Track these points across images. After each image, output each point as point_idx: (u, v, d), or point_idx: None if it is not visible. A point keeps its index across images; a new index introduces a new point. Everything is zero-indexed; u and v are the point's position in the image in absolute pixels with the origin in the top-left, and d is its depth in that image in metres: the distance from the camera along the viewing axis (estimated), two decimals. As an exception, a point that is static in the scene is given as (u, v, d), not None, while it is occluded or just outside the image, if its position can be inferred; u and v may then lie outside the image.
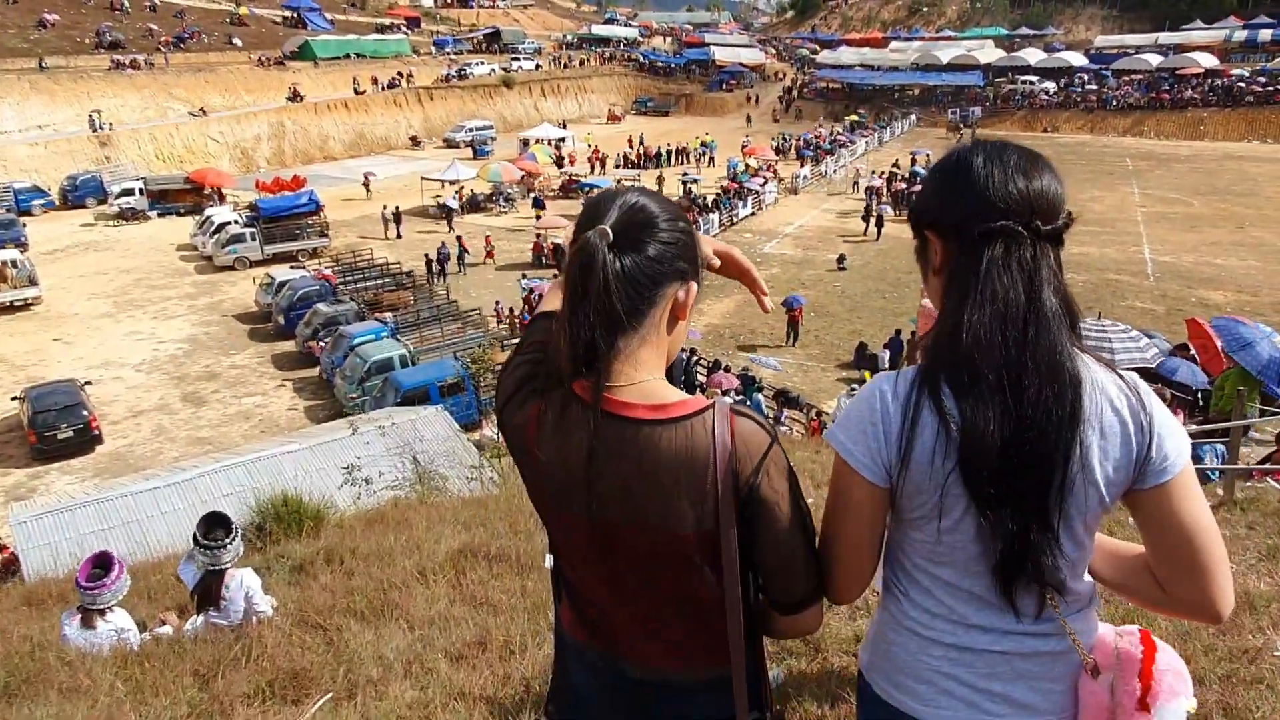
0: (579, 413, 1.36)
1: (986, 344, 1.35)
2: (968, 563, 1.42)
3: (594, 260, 1.32)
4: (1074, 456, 1.34)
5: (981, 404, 1.34)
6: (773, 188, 40.06)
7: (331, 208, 34.97)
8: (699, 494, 1.33)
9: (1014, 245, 1.38)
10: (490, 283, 29.07)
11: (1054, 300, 1.38)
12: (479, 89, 60.07)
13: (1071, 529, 1.38)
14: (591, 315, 1.33)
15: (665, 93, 70.64)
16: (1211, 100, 56.19)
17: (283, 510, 6.46)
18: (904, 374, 1.44)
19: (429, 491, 10.45)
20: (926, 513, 1.41)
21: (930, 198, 1.51)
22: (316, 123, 50.24)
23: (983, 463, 1.34)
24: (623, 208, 1.39)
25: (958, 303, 1.40)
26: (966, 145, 1.50)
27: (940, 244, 1.47)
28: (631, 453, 1.34)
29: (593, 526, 1.39)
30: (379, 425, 11.27)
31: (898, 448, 1.40)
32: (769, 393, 19.59)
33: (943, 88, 65.62)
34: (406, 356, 20.67)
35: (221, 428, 20.28)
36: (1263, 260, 29.38)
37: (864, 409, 1.44)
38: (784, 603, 1.45)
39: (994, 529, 1.36)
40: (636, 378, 1.39)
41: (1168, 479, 1.37)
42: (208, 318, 26.62)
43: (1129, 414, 1.37)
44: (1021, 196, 1.39)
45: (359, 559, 5.20)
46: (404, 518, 7.17)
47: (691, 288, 1.44)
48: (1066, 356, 1.36)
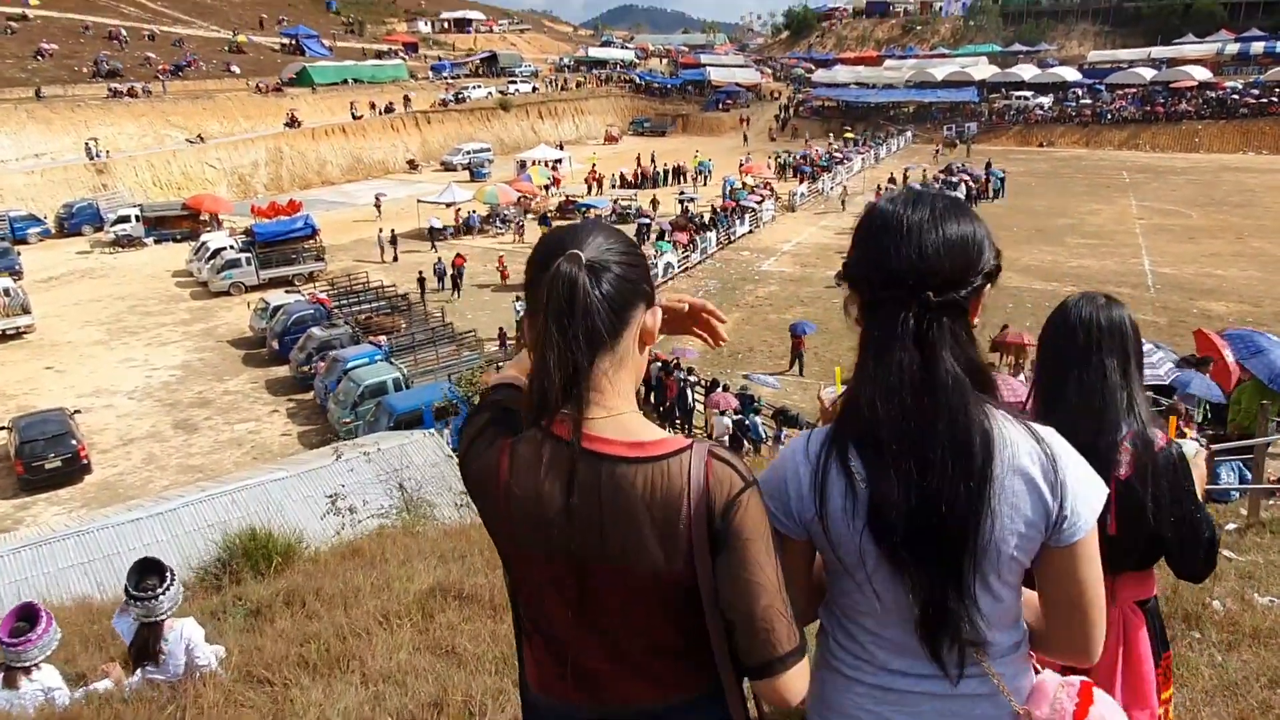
0: (555, 449, 1.36)
1: (884, 415, 1.36)
2: (887, 612, 1.44)
3: (576, 282, 1.33)
4: (984, 521, 1.35)
5: (885, 471, 1.36)
6: (770, 205, 39.95)
7: (329, 231, 34.87)
8: (672, 533, 1.32)
9: (903, 314, 1.37)
10: (486, 304, 28.87)
11: (953, 370, 1.36)
12: (476, 112, 60.22)
13: (989, 587, 1.40)
14: (580, 338, 1.33)
15: (662, 113, 70.84)
16: (1206, 113, 56.27)
17: (250, 546, 6.17)
18: (817, 433, 1.47)
19: (415, 520, 10.20)
20: (848, 564, 1.44)
21: (851, 249, 1.50)
22: (314, 148, 50.29)
23: (891, 526, 1.36)
24: (580, 238, 1.40)
25: (859, 366, 1.42)
26: (888, 197, 1.47)
27: (855, 299, 1.47)
28: (608, 490, 1.33)
29: (566, 565, 1.37)
30: (364, 451, 10.99)
31: (812, 503, 1.43)
32: (768, 411, 19.31)
33: (938, 104, 65.72)
34: (400, 380, 20.47)
35: (213, 455, 20.06)
36: (1263, 271, 29.18)
37: (779, 467, 1.49)
38: (751, 665, 1.39)
39: (911, 589, 1.38)
40: (616, 407, 1.39)
41: (1076, 540, 1.39)
42: (202, 344, 26.46)
43: (1040, 474, 1.37)
44: (912, 262, 1.37)
45: (322, 600, 4.92)
46: (381, 551, 6.91)
47: (656, 312, 1.46)
48: (972, 421, 1.35)
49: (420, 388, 19.98)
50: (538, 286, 1.38)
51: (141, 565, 3.69)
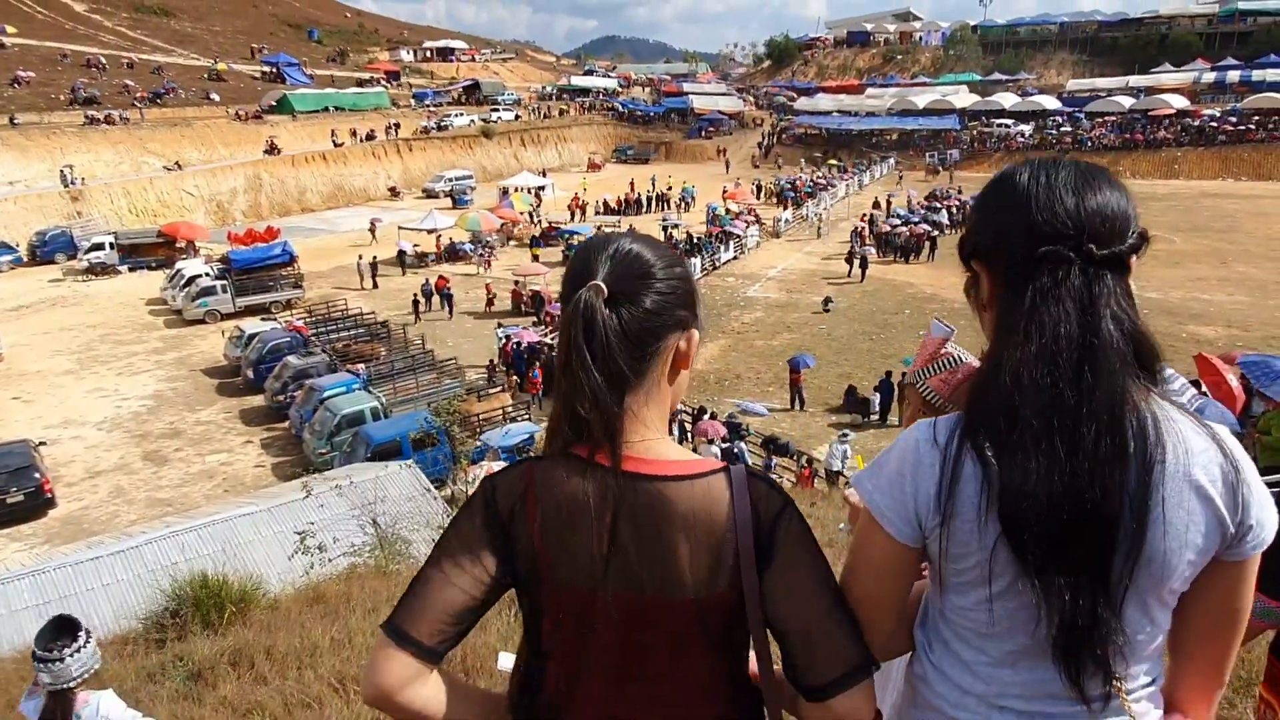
0: (589, 475, 1.30)
1: (1029, 385, 1.19)
2: (1018, 637, 1.25)
3: (594, 320, 1.27)
4: (1150, 519, 1.17)
5: (1023, 454, 1.18)
6: (754, 231, 39.76)
7: (308, 259, 34.40)
8: (717, 550, 1.27)
9: (1064, 273, 1.22)
10: (469, 331, 28.43)
11: (1116, 334, 1.20)
12: (458, 139, 60.01)
13: (1144, 604, 1.22)
14: (602, 381, 1.27)
15: (645, 141, 70.96)
16: (1185, 140, 56.83)
17: (201, 594, 5.60)
18: (945, 420, 1.28)
19: (388, 558, 9.66)
20: (972, 577, 1.25)
21: (974, 225, 1.36)
22: (294, 175, 49.83)
23: (1026, 521, 1.17)
24: (615, 258, 1.33)
25: (1002, 339, 1.25)
26: (1016, 164, 1.33)
27: (988, 275, 1.32)
28: (646, 512, 1.28)
29: (604, 598, 1.29)
30: (335, 485, 10.42)
31: (936, 504, 1.24)
32: (756, 439, 18.84)
33: (920, 132, 66.24)
34: (379, 409, 19.95)
35: (183, 488, 19.47)
36: (1250, 295, 29.17)
37: (897, 458, 1.30)
38: (812, 684, 1.27)
39: (1043, 600, 1.18)
40: (645, 435, 1.33)
41: (1254, 554, 1.24)
42: (174, 373, 25.94)
43: (1219, 474, 1.20)
44: (1069, 217, 1.24)
45: (274, 660, 4.37)
46: (348, 596, 6.35)
47: (693, 336, 1.38)
48: (1133, 401, 1.19)
49: (399, 417, 19.44)
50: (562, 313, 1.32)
51: (55, 625, 3.14)
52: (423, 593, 1.32)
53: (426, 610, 1.31)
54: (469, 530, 1.34)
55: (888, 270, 34.57)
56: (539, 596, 1.36)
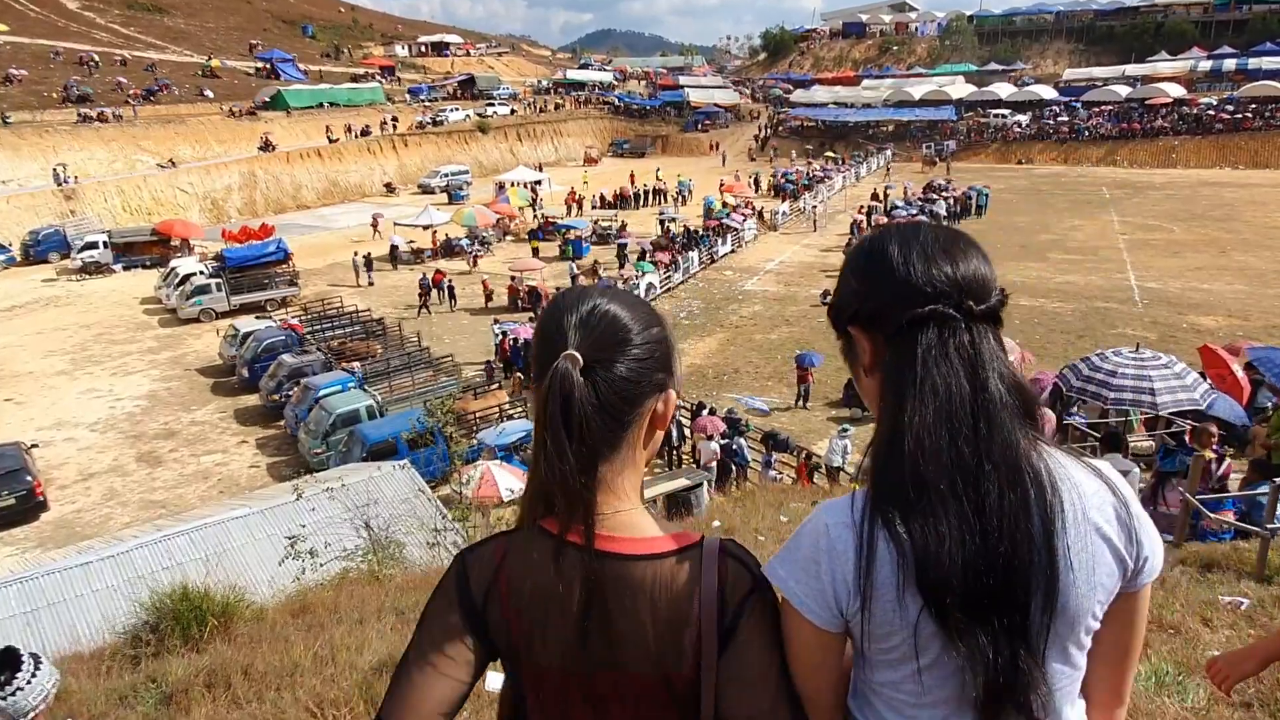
0: (561, 555, 1.29)
1: (933, 448, 1.20)
2: (948, 702, 1.25)
3: (572, 394, 1.24)
4: (1061, 568, 1.19)
5: (934, 520, 1.18)
6: (752, 225, 39.56)
7: (304, 256, 34.21)
8: (679, 632, 1.27)
9: (948, 331, 1.24)
10: (465, 328, 28.25)
11: (1001, 387, 1.22)
12: (454, 135, 59.73)
13: (1064, 651, 1.25)
14: (578, 456, 1.25)
15: (641, 134, 70.66)
16: (1182, 128, 56.60)
17: (181, 607, 5.43)
18: (855, 497, 1.26)
19: (383, 562, 9.51)
20: (900, 653, 1.24)
21: (848, 291, 1.36)
22: (289, 171, 49.55)
23: (945, 588, 1.18)
24: (589, 323, 1.29)
25: (895, 404, 1.24)
26: (877, 233, 1.35)
27: (869, 341, 1.32)
28: (616, 592, 1.28)
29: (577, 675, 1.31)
30: (327, 487, 10.25)
31: (854, 587, 1.23)
32: (755, 435, 18.68)
33: (916, 123, 65.93)
34: (374, 407, 19.77)
35: (177, 489, 19.30)
36: (1249, 284, 28.98)
37: (809, 544, 1.27)
38: None
39: (970, 662, 1.19)
40: (618, 507, 1.32)
41: (1149, 582, 1.30)
42: (169, 372, 25.75)
43: (1114, 515, 1.24)
44: (947, 278, 1.25)
45: (251, 681, 4.21)
46: (336, 605, 6.18)
47: (670, 397, 1.36)
48: (1026, 452, 1.21)
49: (395, 416, 19.26)
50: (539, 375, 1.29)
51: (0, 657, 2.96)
52: (410, 686, 1.31)
53: (417, 704, 1.30)
54: (447, 618, 1.34)
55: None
56: (519, 670, 1.36)
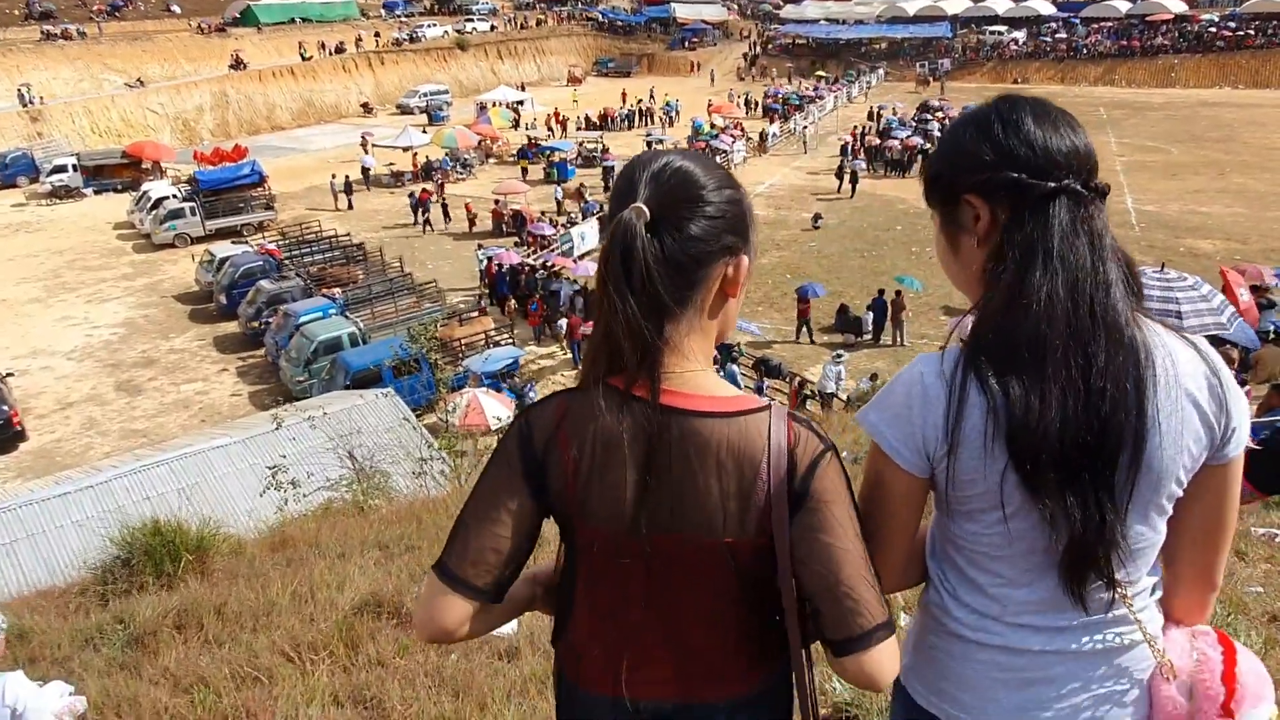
0: (625, 408, 1.26)
1: (1059, 313, 1.23)
2: (1030, 555, 1.29)
3: (633, 245, 1.22)
4: (1149, 430, 1.23)
5: (1043, 379, 1.22)
6: (741, 146, 38.62)
7: (280, 179, 33.29)
8: (749, 492, 1.26)
9: (1077, 206, 1.28)
10: (449, 253, 27.62)
11: (1115, 261, 1.28)
12: (432, 52, 57.68)
13: (1145, 513, 1.28)
14: (640, 309, 1.22)
15: (626, 53, 68.49)
16: (1182, 46, 55.33)
17: (154, 542, 5.09)
18: (948, 353, 1.31)
19: (367, 492, 9.23)
20: (984, 503, 1.29)
21: (971, 158, 1.33)
22: (262, 91, 47.85)
23: (1040, 447, 1.21)
24: (661, 178, 1.27)
25: (1021, 271, 1.26)
26: (1002, 100, 1.36)
27: (988, 209, 1.32)
28: (682, 449, 1.25)
29: (636, 539, 1.28)
30: (308, 416, 9.88)
31: (943, 433, 1.27)
32: (748, 361, 18.37)
33: (910, 40, 64.18)
34: (357, 335, 19.38)
35: (158, 418, 18.98)
36: (1248, 207, 28.58)
37: (902, 391, 1.32)
38: (837, 638, 1.27)
39: (1056, 518, 1.23)
40: (686, 368, 1.29)
41: (1237, 454, 1.31)
42: (145, 299, 25.23)
43: (1205, 384, 1.28)
44: (1076, 152, 1.30)
45: (225, 621, 3.89)
46: (317, 538, 5.86)
47: (742, 262, 1.33)
48: (1132, 322, 1.26)
49: (378, 343, 18.86)
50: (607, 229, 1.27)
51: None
52: (469, 535, 1.31)
53: (473, 553, 1.30)
54: (507, 468, 1.31)
55: (878, 185, 33.68)
56: (573, 533, 1.34)
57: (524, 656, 3.22)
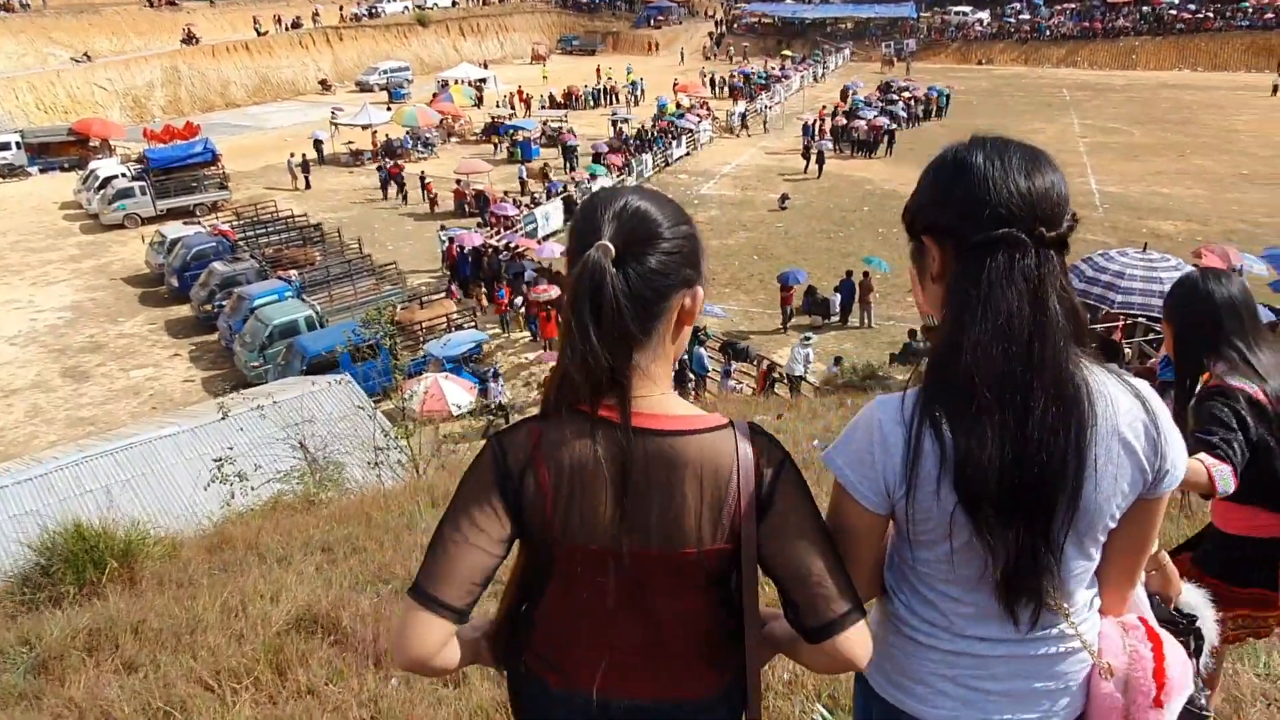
0: (597, 433, 1.32)
1: (988, 362, 1.28)
2: (972, 581, 1.39)
3: (603, 282, 1.27)
4: (1085, 475, 1.30)
5: (979, 427, 1.28)
6: (707, 126, 38.22)
7: (235, 158, 32.33)
8: (721, 507, 1.32)
9: (1018, 254, 1.30)
10: (409, 234, 27.01)
11: (1060, 312, 1.30)
12: (392, 28, 56.38)
13: (1080, 545, 1.37)
14: (609, 341, 1.28)
15: (591, 30, 67.53)
16: (1143, 29, 55.75)
17: (76, 548, 4.70)
18: (905, 397, 1.37)
19: (320, 484, 8.85)
20: (936, 535, 1.38)
21: (926, 199, 1.40)
22: (215, 67, 46.43)
23: (980, 487, 1.29)
24: (622, 217, 1.33)
25: (957, 317, 1.32)
26: (963, 143, 1.39)
27: (938, 250, 1.38)
28: (656, 468, 1.31)
29: (613, 552, 1.34)
30: (257, 405, 9.44)
31: (901, 477, 1.35)
32: (714, 344, 18.12)
33: (876, 20, 64.06)
34: (314, 318, 18.82)
35: (106, 406, 18.34)
36: (1208, 189, 28.83)
37: (862, 436, 1.40)
38: (813, 625, 1.33)
39: (992, 551, 1.33)
40: (652, 391, 1.36)
41: (1169, 490, 1.39)
42: (94, 282, 24.41)
43: (1141, 428, 1.34)
44: (1024, 199, 1.31)
45: (143, 641, 3.53)
46: (257, 538, 5.49)
47: (698, 293, 1.40)
48: (1072, 369, 1.30)
49: (336, 326, 18.30)
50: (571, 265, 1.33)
51: None
52: (446, 557, 1.32)
53: (454, 574, 1.31)
54: (482, 490, 1.34)
55: (845, 166, 33.51)
56: (551, 554, 1.37)
57: (472, 684, 2.92)
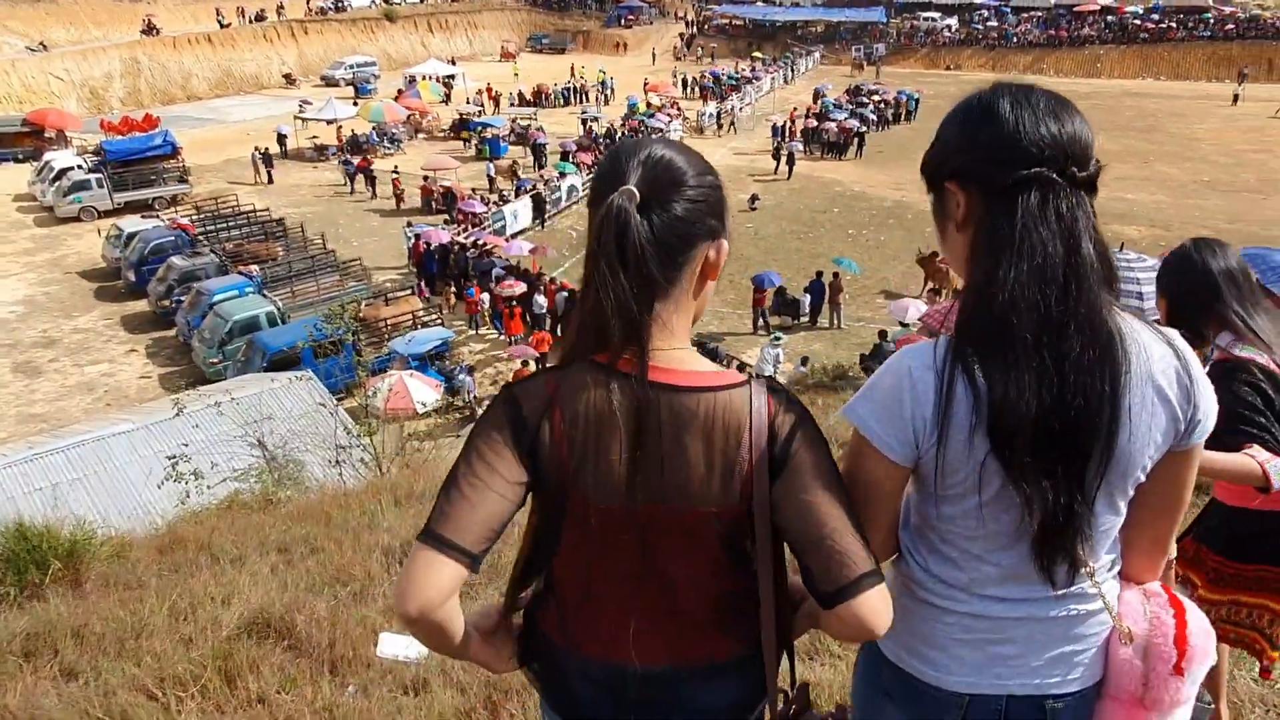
0: (615, 384, 1.29)
1: (1025, 304, 1.25)
2: (1001, 536, 1.35)
3: (628, 225, 1.25)
4: (1120, 421, 1.27)
5: (1016, 370, 1.25)
6: (678, 126, 38.15)
7: (196, 151, 31.65)
8: (732, 461, 1.30)
9: (1050, 194, 1.28)
10: (375, 230, 26.61)
11: (1093, 253, 1.28)
12: (359, 23, 55.61)
13: (1111, 499, 1.34)
14: (632, 285, 1.26)
15: (561, 29, 67.16)
16: (1108, 37, 56.60)
17: (18, 548, 4.44)
18: (935, 345, 1.33)
19: (279, 483, 8.59)
20: (964, 488, 1.33)
21: (951, 145, 1.37)
22: (176, 59, 45.47)
23: (1016, 433, 1.25)
24: (647, 164, 1.31)
25: (990, 260, 1.29)
26: (986, 90, 1.37)
27: (964, 196, 1.35)
28: (670, 422, 1.29)
29: (627, 509, 1.31)
30: (215, 402, 9.14)
31: (934, 423, 1.30)
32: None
33: (846, 24, 64.44)
34: (275, 314, 18.44)
35: (59, 402, 17.86)
36: (1171, 195, 29.30)
37: (890, 384, 1.34)
38: (828, 590, 1.28)
39: (1029, 502, 1.28)
40: (672, 344, 1.33)
41: (1200, 441, 1.36)
42: (47, 276, 23.81)
43: (1174, 375, 1.32)
44: (1054, 141, 1.29)
45: (85, 646, 3.31)
46: (210, 539, 5.25)
47: (722, 246, 1.37)
48: (1106, 314, 1.27)
49: (298, 323, 17.93)
50: (591, 219, 1.30)
51: None
52: (461, 499, 1.28)
53: (468, 516, 1.26)
54: (498, 436, 1.30)
55: (815, 167, 33.61)
56: (564, 505, 1.34)
57: (433, 691, 2.74)
